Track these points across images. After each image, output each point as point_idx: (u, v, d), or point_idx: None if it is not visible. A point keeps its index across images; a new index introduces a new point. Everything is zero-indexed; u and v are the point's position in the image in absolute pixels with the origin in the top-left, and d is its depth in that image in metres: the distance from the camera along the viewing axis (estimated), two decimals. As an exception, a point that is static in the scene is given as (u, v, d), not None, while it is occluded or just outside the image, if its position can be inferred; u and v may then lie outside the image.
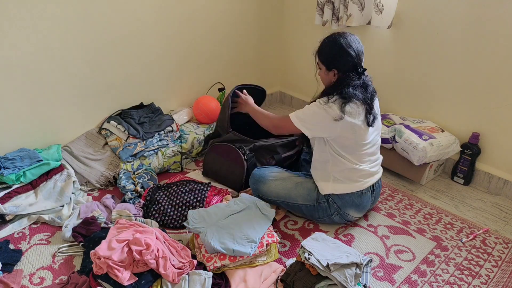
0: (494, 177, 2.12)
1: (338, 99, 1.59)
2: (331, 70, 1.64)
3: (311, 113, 1.64)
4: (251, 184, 1.88)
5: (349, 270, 1.44)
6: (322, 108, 1.60)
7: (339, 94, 1.59)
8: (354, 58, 1.60)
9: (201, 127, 2.42)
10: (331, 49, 1.62)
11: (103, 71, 2.17)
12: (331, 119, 1.58)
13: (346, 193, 1.72)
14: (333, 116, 1.58)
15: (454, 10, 2.03)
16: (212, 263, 1.50)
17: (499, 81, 1.98)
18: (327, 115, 1.59)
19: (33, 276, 1.54)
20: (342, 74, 1.63)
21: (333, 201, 1.73)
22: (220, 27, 2.59)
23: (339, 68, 1.62)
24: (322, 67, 1.68)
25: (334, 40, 1.61)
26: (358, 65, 1.62)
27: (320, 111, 1.60)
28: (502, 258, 1.69)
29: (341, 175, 1.70)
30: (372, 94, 1.65)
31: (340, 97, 1.59)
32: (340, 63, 1.61)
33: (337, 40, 1.60)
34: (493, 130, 2.08)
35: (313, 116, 1.64)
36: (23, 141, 2.02)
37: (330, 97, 1.60)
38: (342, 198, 1.72)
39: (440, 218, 1.92)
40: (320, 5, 2.45)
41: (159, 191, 1.93)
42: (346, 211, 1.75)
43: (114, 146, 2.15)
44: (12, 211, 1.75)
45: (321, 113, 1.60)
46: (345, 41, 1.59)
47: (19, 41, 1.84)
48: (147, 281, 1.42)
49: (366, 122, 1.63)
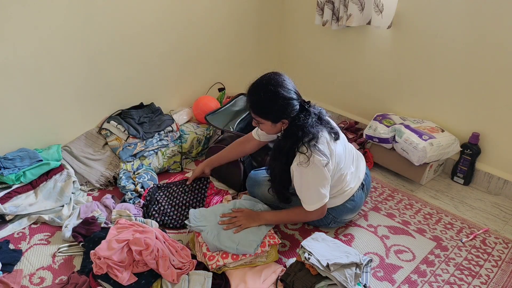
0: (494, 177, 2.12)
1: (310, 148, 1.47)
2: (279, 121, 1.51)
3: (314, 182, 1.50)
4: (248, 186, 1.88)
5: (349, 270, 1.44)
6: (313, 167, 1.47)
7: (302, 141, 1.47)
8: (298, 99, 1.51)
9: (201, 127, 2.42)
10: (274, 103, 1.47)
11: (103, 71, 2.17)
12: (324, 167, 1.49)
13: (339, 205, 1.71)
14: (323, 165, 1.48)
15: (454, 10, 2.03)
16: (215, 262, 1.50)
17: (499, 81, 1.98)
18: (322, 167, 1.48)
19: (33, 276, 1.54)
20: (291, 120, 1.51)
21: (327, 212, 1.71)
22: (220, 27, 2.59)
23: (288, 117, 1.50)
24: (265, 122, 1.53)
25: (273, 91, 1.46)
26: (303, 103, 1.53)
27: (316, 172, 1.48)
28: (502, 258, 1.69)
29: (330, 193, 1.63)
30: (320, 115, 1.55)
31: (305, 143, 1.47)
32: (289, 112, 1.49)
33: (275, 90, 1.46)
34: (493, 130, 2.08)
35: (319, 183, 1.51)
36: (23, 141, 2.02)
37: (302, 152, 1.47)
38: (337, 209, 1.71)
39: (440, 218, 1.92)
40: (320, 5, 2.45)
41: (158, 191, 1.93)
42: (342, 217, 1.75)
43: (114, 146, 2.15)
44: (12, 211, 1.75)
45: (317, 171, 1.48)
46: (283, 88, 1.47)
47: (20, 41, 1.84)
48: (147, 281, 1.42)
49: (333, 139, 1.56)
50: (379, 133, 2.23)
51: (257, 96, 1.50)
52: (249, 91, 1.53)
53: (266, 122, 1.54)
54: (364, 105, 2.63)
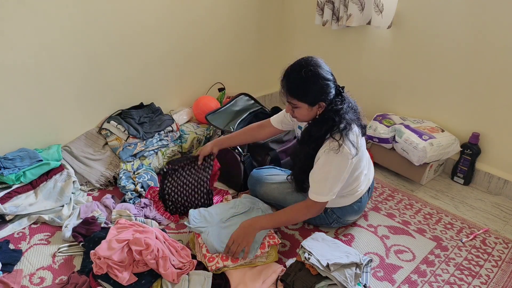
0: (494, 177, 2.12)
1: (343, 137, 1.45)
2: (316, 104, 1.47)
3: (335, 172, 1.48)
4: (249, 185, 1.87)
5: (349, 270, 1.44)
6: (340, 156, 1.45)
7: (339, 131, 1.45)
8: (333, 84, 1.47)
9: (201, 127, 2.42)
10: (315, 84, 1.43)
11: (103, 71, 2.17)
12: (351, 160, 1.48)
13: (346, 205, 1.71)
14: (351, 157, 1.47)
15: (454, 10, 2.03)
16: (214, 264, 1.49)
17: (499, 81, 1.98)
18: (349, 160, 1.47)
19: (33, 276, 1.54)
20: (327, 103, 1.48)
21: (332, 211, 1.72)
22: (220, 27, 2.59)
23: (325, 99, 1.46)
24: (302, 106, 1.48)
25: (313, 72, 1.43)
26: (338, 87, 1.50)
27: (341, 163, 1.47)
28: (502, 258, 1.69)
29: (340, 193, 1.62)
30: (355, 108, 1.54)
31: (339, 130, 1.46)
32: (327, 94, 1.45)
33: (315, 70, 1.43)
34: (493, 130, 2.08)
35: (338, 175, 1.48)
36: (23, 141, 2.02)
37: (335, 140, 1.45)
38: (343, 209, 1.71)
39: (440, 218, 1.92)
40: (320, 5, 2.45)
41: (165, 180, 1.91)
42: (346, 218, 1.75)
43: (114, 146, 2.15)
44: (12, 211, 1.75)
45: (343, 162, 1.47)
46: (322, 69, 1.44)
47: (20, 41, 1.84)
48: (147, 281, 1.42)
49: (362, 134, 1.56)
50: (379, 133, 2.23)
51: (296, 76, 1.45)
52: (287, 73, 1.48)
53: (303, 105, 1.47)
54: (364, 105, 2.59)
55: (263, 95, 3.08)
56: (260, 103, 2.34)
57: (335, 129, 1.46)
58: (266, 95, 3.11)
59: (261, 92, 3.07)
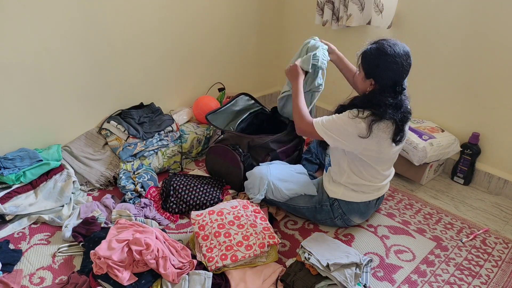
0: (494, 177, 2.12)
1: (369, 116, 1.49)
2: (369, 79, 1.54)
3: (337, 124, 1.54)
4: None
5: (349, 270, 1.44)
6: (351, 121, 1.51)
7: (371, 111, 1.50)
8: (396, 75, 1.49)
9: (201, 127, 2.42)
10: (375, 58, 1.50)
11: (103, 71, 2.17)
12: (357, 135, 1.50)
13: (354, 201, 1.71)
14: (359, 133, 1.50)
15: (454, 10, 2.03)
16: (214, 263, 1.50)
17: (499, 81, 1.98)
18: (354, 130, 1.50)
19: (33, 276, 1.54)
20: (378, 87, 1.52)
21: (338, 205, 1.72)
22: (220, 27, 2.59)
23: (377, 80, 1.52)
24: (361, 72, 1.58)
25: (382, 49, 1.48)
26: (397, 83, 1.51)
27: (348, 125, 1.51)
28: (502, 258, 1.69)
29: (354, 186, 1.67)
30: (404, 115, 1.53)
31: (371, 114, 1.49)
32: (380, 75, 1.51)
33: (385, 50, 1.47)
34: (493, 130, 2.08)
35: (339, 128, 1.54)
36: (23, 141, 2.02)
37: (361, 111, 1.51)
38: (349, 205, 1.71)
39: (440, 218, 1.92)
40: (320, 5, 2.45)
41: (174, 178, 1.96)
42: (350, 217, 1.75)
43: (114, 146, 2.15)
44: (12, 211, 1.75)
45: (348, 127, 1.51)
46: (393, 53, 1.46)
47: (20, 41, 1.84)
48: (147, 281, 1.42)
49: (392, 140, 1.55)
50: (379, 133, 2.23)
51: (371, 45, 1.54)
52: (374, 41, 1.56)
53: (361, 72, 1.57)
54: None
55: (263, 95, 3.08)
56: (260, 103, 2.34)
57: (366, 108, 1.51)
58: (266, 95, 3.11)
59: (261, 92, 3.07)
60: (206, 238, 1.57)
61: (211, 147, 2.13)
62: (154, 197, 1.94)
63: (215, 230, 1.58)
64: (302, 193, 1.76)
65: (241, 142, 2.01)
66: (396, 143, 1.56)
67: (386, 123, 1.51)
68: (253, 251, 1.53)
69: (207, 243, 1.56)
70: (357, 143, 1.54)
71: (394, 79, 1.50)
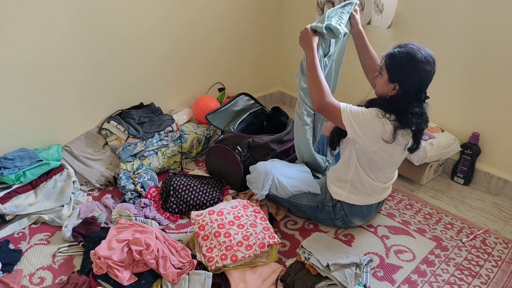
0: (494, 177, 2.12)
1: (395, 121, 1.46)
2: (393, 83, 1.50)
3: (364, 117, 1.49)
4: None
5: (349, 270, 1.44)
6: (378, 120, 1.47)
7: (397, 116, 1.47)
8: (422, 82, 1.47)
9: (201, 127, 2.42)
10: (404, 62, 1.46)
11: (103, 71, 2.17)
12: (380, 136, 1.48)
13: (357, 204, 1.71)
14: (383, 135, 1.47)
15: (453, 10, 2.03)
16: (214, 263, 1.50)
17: (499, 81, 1.98)
18: (379, 130, 1.47)
19: (33, 276, 1.54)
20: (402, 92, 1.49)
21: (341, 207, 1.72)
22: (220, 27, 2.59)
23: (402, 85, 1.49)
24: (384, 75, 1.52)
25: (412, 54, 1.44)
26: (422, 91, 1.49)
27: (374, 122, 1.47)
28: (502, 258, 1.69)
29: (359, 186, 1.67)
30: (426, 124, 1.53)
31: (397, 119, 1.46)
32: (406, 81, 1.48)
33: (415, 55, 1.44)
34: (493, 130, 2.08)
35: (364, 121, 1.49)
36: (23, 141, 2.02)
37: (388, 113, 1.47)
38: (352, 207, 1.71)
39: (440, 218, 1.92)
40: (320, 5, 2.45)
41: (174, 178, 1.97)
42: (352, 219, 1.75)
43: (114, 146, 2.15)
44: (12, 211, 1.75)
45: (374, 124, 1.47)
46: (423, 59, 1.43)
47: (20, 42, 1.84)
48: (147, 281, 1.42)
49: (409, 148, 1.54)
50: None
51: (401, 48, 1.48)
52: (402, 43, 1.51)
53: (385, 75, 1.51)
54: (364, 105, 2.62)
55: (263, 95, 3.08)
56: (260, 103, 2.34)
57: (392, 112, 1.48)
58: (266, 95, 3.11)
59: (261, 92, 3.07)
60: (206, 238, 1.57)
61: (211, 147, 2.13)
62: (154, 197, 1.94)
63: (215, 230, 1.58)
64: (306, 191, 1.76)
65: (241, 142, 2.01)
66: (411, 151, 1.56)
67: (406, 131, 1.49)
68: (253, 251, 1.53)
69: (207, 243, 1.56)
70: (375, 142, 1.51)
71: (419, 86, 1.48)
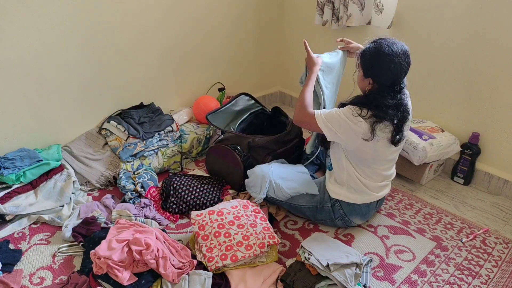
0: (494, 177, 2.12)
1: (370, 117, 1.49)
2: (367, 78, 1.55)
3: (339, 118, 1.53)
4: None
5: (349, 270, 1.44)
6: (353, 118, 1.50)
7: (372, 112, 1.49)
8: (394, 74, 1.49)
9: (201, 127, 2.42)
10: (373, 57, 1.51)
11: (103, 71, 2.17)
12: (358, 134, 1.50)
13: (355, 203, 1.71)
14: (360, 132, 1.50)
15: (453, 10, 2.03)
16: (214, 263, 1.50)
17: (499, 81, 1.98)
18: (356, 128, 1.50)
19: (33, 276, 1.54)
20: (377, 86, 1.53)
21: (340, 206, 1.72)
22: (220, 27, 2.59)
23: (375, 79, 1.53)
24: (360, 71, 1.59)
25: (379, 48, 1.49)
26: (396, 83, 1.51)
27: (349, 120, 1.51)
28: (502, 258, 1.69)
29: (356, 186, 1.67)
30: (404, 115, 1.53)
31: (372, 114, 1.49)
32: (377, 75, 1.52)
33: (382, 49, 1.48)
34: (493, 130, 2.08)
35: (339, 121, 1.53)
36: (23, 141, 2.02)
37: (363, 110, 1.50)
38: (351, 206, 1.71)
39: (440, 218, 1.92)
40: (320, 5, 2.45)
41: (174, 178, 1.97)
42: (351, 218, 1.75)
43: (114, 146, 2.15)
44: (12, 211, 1.75)
45: (350, 122, 1.50)
46: (390, 52, 1.46)
47: (20, 41, 1.84)
48: (147, 281, 1.42)
49: (391, 141, 1.54)
50: (379, 133, 2.23)
51: (370, 44, 1.55)
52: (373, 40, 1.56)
53: (360, 71, 1.58)
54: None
55: (263, 95, 3.08)
56: (260, 103, 2.34)
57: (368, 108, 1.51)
58: (266, 95, 3.11)
59: (261, 92, 3.07)
60: (206, 238, 1.57)
61: (211, 147, 2.13)
62: (154, 197, 1.94)
63: (215, 230, 1.58)
64: (304, 192, 1.76)
65: (241, 142, 2.01)
66: (395, 144, 1.56)
67: (385, 123, 1.51)
68: (253, 251, 1.53)
69: (207, 243, 1.56)
70: (354, 139, 1.53)
71: (392, 79, 1.50)
